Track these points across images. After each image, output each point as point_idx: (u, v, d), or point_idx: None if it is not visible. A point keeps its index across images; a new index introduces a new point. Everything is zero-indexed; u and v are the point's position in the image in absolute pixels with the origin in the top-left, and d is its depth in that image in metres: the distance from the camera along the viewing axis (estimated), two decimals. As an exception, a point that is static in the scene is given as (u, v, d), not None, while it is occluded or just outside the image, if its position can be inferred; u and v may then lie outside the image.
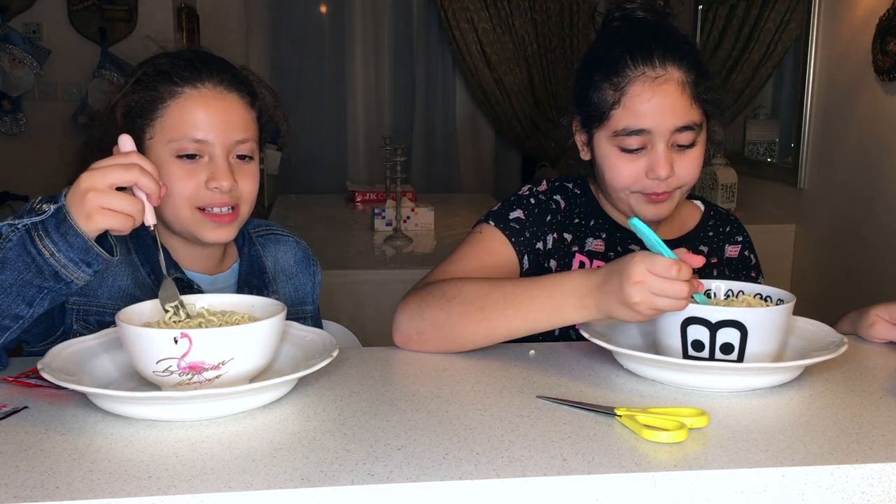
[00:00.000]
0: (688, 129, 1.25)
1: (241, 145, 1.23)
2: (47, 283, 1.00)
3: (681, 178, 1.28)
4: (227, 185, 1.20)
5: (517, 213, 1.38)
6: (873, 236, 3.16)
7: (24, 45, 4.36)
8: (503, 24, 5.78)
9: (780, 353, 1.07)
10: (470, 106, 6.18)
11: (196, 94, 1.21)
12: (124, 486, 0.74)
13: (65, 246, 0.98)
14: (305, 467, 0.78)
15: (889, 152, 3.06)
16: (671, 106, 1.24)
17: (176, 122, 1.19)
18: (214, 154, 1.20)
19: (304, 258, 1.49)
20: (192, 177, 1.20)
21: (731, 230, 1.47)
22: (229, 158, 1.22)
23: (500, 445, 0.84)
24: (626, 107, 1.25)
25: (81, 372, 0.96)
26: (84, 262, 1.00)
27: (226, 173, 1.20)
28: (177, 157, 1.20)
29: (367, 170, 6.05)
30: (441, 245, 3.46)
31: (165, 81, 1.21)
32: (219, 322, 0.99)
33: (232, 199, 1.22)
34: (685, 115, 1.25)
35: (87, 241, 0.98)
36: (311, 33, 5.99)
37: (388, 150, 3.62)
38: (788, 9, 3.79)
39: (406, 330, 1.19)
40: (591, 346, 1.12)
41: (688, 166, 1.28)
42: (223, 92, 1.23)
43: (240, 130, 1.23)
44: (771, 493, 0.80)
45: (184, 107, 1.20)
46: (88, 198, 0.97)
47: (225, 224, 1.23)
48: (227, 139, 1.21)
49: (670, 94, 1.24)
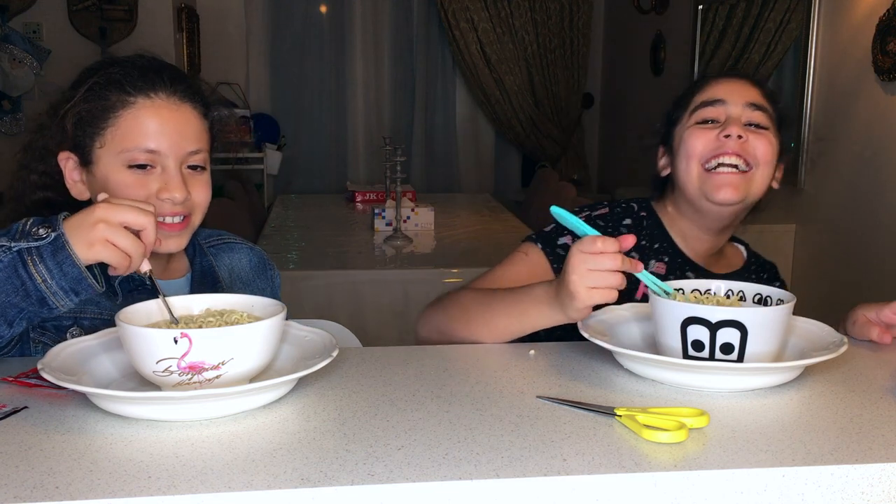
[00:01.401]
0: (760, 108, 1.36)
1: (194, 156, 1.22)
2: (31, 307, 1.00)
3: (753, 151, 1.34)
4: (181, 196, 1.19)
5: (565, 240, 1.39)
6: (873, 236, 3.16)
7: (24, 45, 4.37)
8: (503, 24, 5.78)
9: (780, 353, 1.07)
10: (470, 106, 6.19)
11: (149, 104, 1.19)
12: (124, 486, 0.74)
13: (59, 274, 0.98)
14: (305, 467, 0.78)
15: (889, 152, 3.06)
16: (744, 88, 1.38)
17: (128, 132, 1.18)
18: (167, 165, 1.19)
19: (259, 264, 1.48)
20: (142, 186, 1.18)
21: (768, 277, 1.52)
22: (182, 169, 1.21)
23: (500, 445, 0.84)
24: (704, 90, 1.40)
25: (81, 372, 0.96)
26: (74, 290, 1.00)
27: (178, 184, 1.19)
28: (128, 168, 1.18)
29: (367, 170, 6.06)
30: (441, 245, 3.46)
31: (117, 90, 1.19)
32: (218, 322, 0.99)
33: (184, 209, 1.22)
34: (757, 97, 1.37)
35: (81, 271, 0.98)
36: (311, 33, 6.00)
37: (388, 150, 3.63)
38: (788, 9, 3.79)
39: (423, 332, 1.33)
40: (591, 346, 1.12)
41: (760, 145, 1.35)
42: (177, 102, 1.21)
43: (192, 141, 1.22)
44: (771, 493, 0.80)
45: (136, 116, 1.18)
46: (98, 228, 0.97)
47: (175, 234, 1.22)
48: (179, 150, 1.20)
49: (744, 83, 1.40)
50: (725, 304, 1.10)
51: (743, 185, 1.34)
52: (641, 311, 1.20)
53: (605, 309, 1.22)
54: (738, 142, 1.33)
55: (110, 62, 1.24)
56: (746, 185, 1.34)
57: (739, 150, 1.33)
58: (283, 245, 3.35)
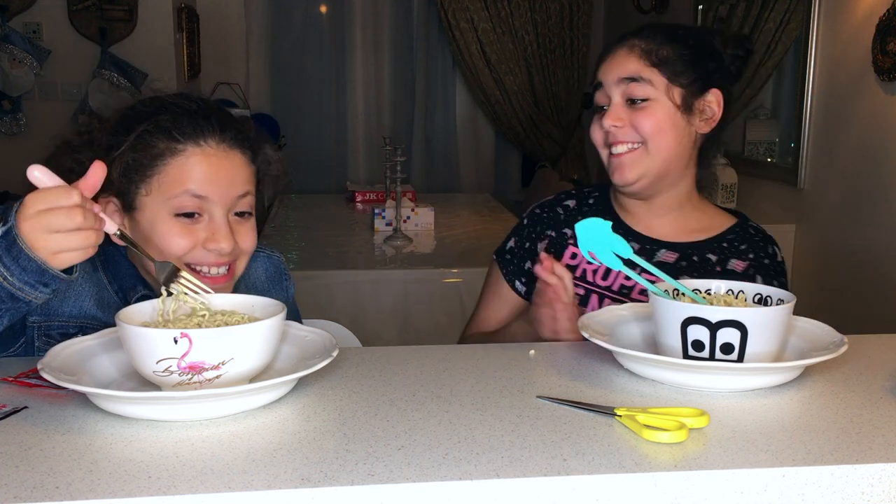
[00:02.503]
0: (635, 79, 1.36)
1: (241, 200, 1.20)
2: (4, 304, 0.96)
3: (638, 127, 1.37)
4: (228, 247, 1.17)
5: (510, 243, 1.54)
6: (873, 236, 3.16)
7: (24, 45, 4.37)
8: (503, 24, 5.78)
9: (780, 353, 1.07)
10: (470, 106, 6.18)
11: (199, 152, 1.16)
12: (124, 486, 0.74)
13: (17, 270, 0.93)
14: (305, 467, 0.78)
15: (889, 152, 3.06)
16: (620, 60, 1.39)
17: (176, 180, 1.15)
18: (214, 213, 1.17)
19: (275, 273, 1.46)
20: (189, 235, 1.16)
21: (746, 248, 1.46)
22: (228, 217, 1.19)
23: (500, 445, 0.84)
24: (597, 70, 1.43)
25: (81, 372, 0.96)
26: (40, 283, 0.95)
27: (226, 235, 1.17)
28: (174, 216, 1.16)
29: (367, 170, 6.06)
30: (441, 245, 3.46)
31: (166, 138, 1.16)
32: (218, 322, 0.99)
33: (231, 258, 1.20)
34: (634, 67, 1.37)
35: (40, 264, 0.93)
36: (311, 33, 5.99)
37: (388, 150, 3.63)
38: (788, 9, 3.79)
39: None
40: (591, 346, 1.12)
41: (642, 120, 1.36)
42: (226, 150, 1.19)
43: (240, 186, 1.20)
44: (771, 493, 0.80)
45: (185, 164, 1.16)
46: (39, 246, 0.92)
47: (218, 287, 1.17)
48: (228, 197, 1.18)
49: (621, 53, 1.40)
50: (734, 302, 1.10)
51: (637, 162, 1.37)
52: (641, 311, 1.20)
53: (605, 309, 1.22)
54: (616, 130, 1.36)
55: (158, 107, 1.20)
56: (640, 161, 1.37)
57: (620, 137, 1.36)
58: (283, 245, 3.35)
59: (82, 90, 4.48)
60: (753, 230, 1.49)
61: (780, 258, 1.49)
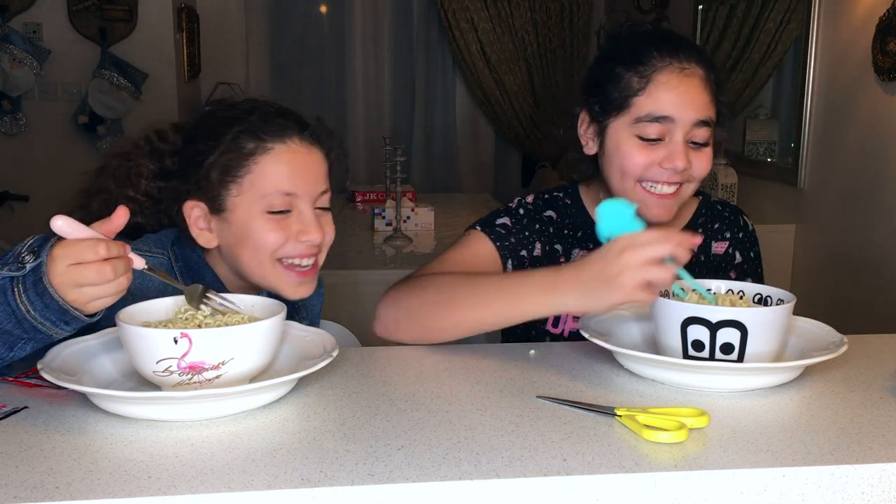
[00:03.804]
0: (705, 124, 1.28)
1: (323, 196, 1.25)
2: (27, 335, 0.96)
3: (694, 171, 1.29)
4: (318, 237, 1.22)
5: (504, 220, 1.41)
6: (873, 236, 3.16)
7: (24, 45, 4.36)
8: (503, 24, 5.78)
9: (780, 353, 1.07)
10: (470, 106, 6.18)
11: (285, 149, 1.21)
12: (124, 486, 0.74)
13: (41, 306, 0.92)
14: (305, 467, 0.78)
15: (889, 152, 3.06)
16: (694, 98, 1.27)
17: (266, 178, 1.19)
18: (302, 208, 1.21)
19: None
20: (282, 230, 1.20)
21: (720, 226, 1.45)
22: (314, 210, 1.23)
23: (500, 445, 0.84)
24: (651, 94, 1.26)
25: (81, 372, 0.96)
26: (63, 321, 0.94)
27: (316, 227, 1.21)
28: (267, 213, 1.19)
29: (367, 170, 6.05)
30: (441, 245, 3.46)
31: (253, 138, 1.20)
32: (219, 322, 0.99)
33: (318, 249, 1.24)
34: (705, 110, 1.28)
35: (63, 305, 0.92)
36: (311, 33, 5.99)
37: (388, 150, 3.62)
38: (788, 9, 3.79)
39: (384, 319, 1.24)
40: (591, 346, 1.12)
41: (702, 163, 1.29)
42: (308, 146, 1.24)
43: (322, 182, 1.25)
44: (771, 493, 0.80)
45: (274, 162, 1.20)
46: (69, 299, 0.91)
47: (307, 280, 1.24)
48: (313, 191, 1.23)
49: (695, 86, 1.27)
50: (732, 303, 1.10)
51: (676, 202, 1.31)
52: (641, 312, 1.20)
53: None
54: (679, 172, 1.28)
55: (243, 111, 1.24)
56: (679, 200, 1.32)
57: (679, 179, 1.29)
58: (283, 245, 3.35)
59: (82, 90, 4.48)
60: (720, 206, 1.47)
61: (752, 227, 1.47)
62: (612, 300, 1.04)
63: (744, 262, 1.45)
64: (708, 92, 1.28)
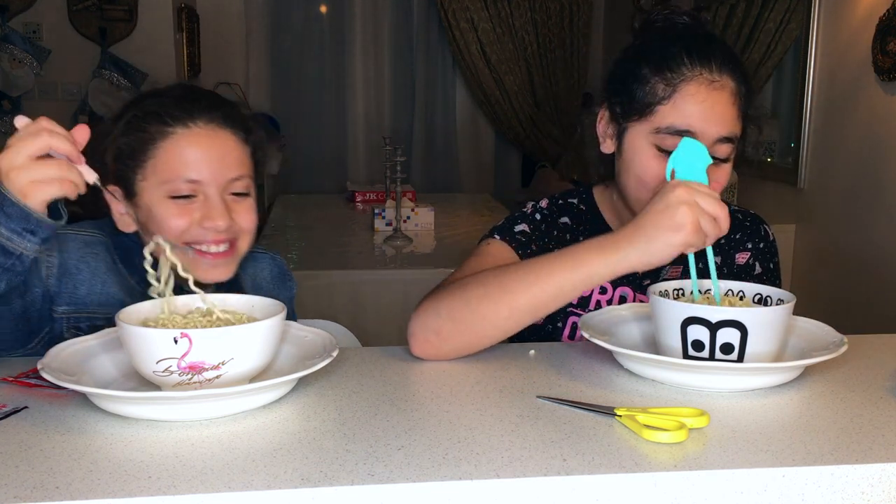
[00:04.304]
0: (728, 141, 1.22)
1: (236, 183, 1.21)
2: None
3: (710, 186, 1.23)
4: (223, 224, 1.18)
5: (522, 227, 1.37)
6: (873, 236, 3.16)
7: (24, 45, 4.37)
8: (503, 24, 5.78)
9: (780, 353, 1.07)
10: (470, 106, 6.19)
11: (188, 134, 1.18)
12: (124, 486, 0.74)
13: (3, 218, 0.94)
14: (305, 467, 0.78)
15: (889, 152, 3.06)
16: (721, 114, 1.20)
17: (168, 163, 1.17)
18: (209, 193, 1.18)
19: (279, 274, 1.48)
20: (185, 215, 1.18)
21: (741, 237, 1.40)
22: (224, 196, 1.20)
23: (500, 445, 0.84)
24: (675, 104, 1.20)
25: (81, 372, 0.96)
26: (27, 230, 0.95)
27: (221, 212, 1.18)
28: (170, 198, 1.17)
29: (367, 170, 6.06)
30: (441, 245, 3.46)
31: (156, 122, 1.18)
32: (218, 322, 0.99)
33: (229, 236, 1.21)
34: (730, 126, 1.21)
35: (24, 208, 0.93)
36: (311, 33, 6.00)
37: (388, 150, 3.63)
38: (788, 9, 3.79)
39: (422, 333, 1.13)
40: (591, 346, 1.12)
41: (719, 179, 1.22)
42: (216, 129, 1.20)
43: (234, 168, 1.21)
44: (771, 493, 0.80)
45: (176, 147, 1.17)
46: (12, 177, 0.93)
47: (220, 263, 1.21)
48: (221, 178, 1.19)
49: (723, 101, 1.20)
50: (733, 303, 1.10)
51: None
52: (641, 311, 1.20)
53: (605, 309, 1.22)
54: None
55: (149, 94, 1.23)
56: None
57: None
58: (283, 245, 3.35)
59: (82, 90, 4.48)
60: (741, 214, 1.42)
61: (773, 237, 1.42)
62: (675, 241, 1.02)
63: (763, 273, 1.40)
64: (736, 106, 1.22)
